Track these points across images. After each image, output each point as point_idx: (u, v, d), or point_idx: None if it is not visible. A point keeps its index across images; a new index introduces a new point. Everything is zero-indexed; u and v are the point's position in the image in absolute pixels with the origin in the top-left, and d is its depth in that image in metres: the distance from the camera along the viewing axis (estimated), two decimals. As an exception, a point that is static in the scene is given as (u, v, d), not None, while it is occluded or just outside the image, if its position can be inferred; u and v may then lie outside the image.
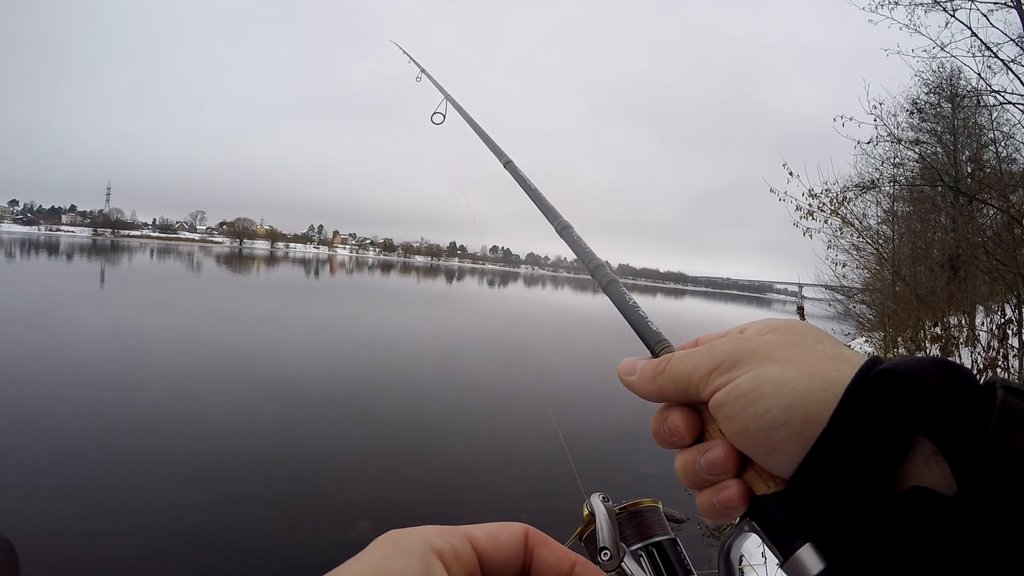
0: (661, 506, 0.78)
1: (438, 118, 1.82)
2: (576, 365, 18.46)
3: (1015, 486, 0.35)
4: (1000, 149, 11.32)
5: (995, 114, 11.59)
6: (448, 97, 1.80)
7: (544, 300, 61.49)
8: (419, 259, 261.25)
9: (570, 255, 0.87)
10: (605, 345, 21.51)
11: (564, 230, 0.89)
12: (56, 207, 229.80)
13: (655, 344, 0.58)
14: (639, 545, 0.71)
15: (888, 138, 12.54)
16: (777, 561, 0.43)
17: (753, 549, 0.50)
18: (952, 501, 0.36)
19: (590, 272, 0.78)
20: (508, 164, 1.21)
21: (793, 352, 0.46)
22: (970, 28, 10.28)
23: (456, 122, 1.68)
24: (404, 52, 2.45)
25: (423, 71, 2.18)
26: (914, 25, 10.88)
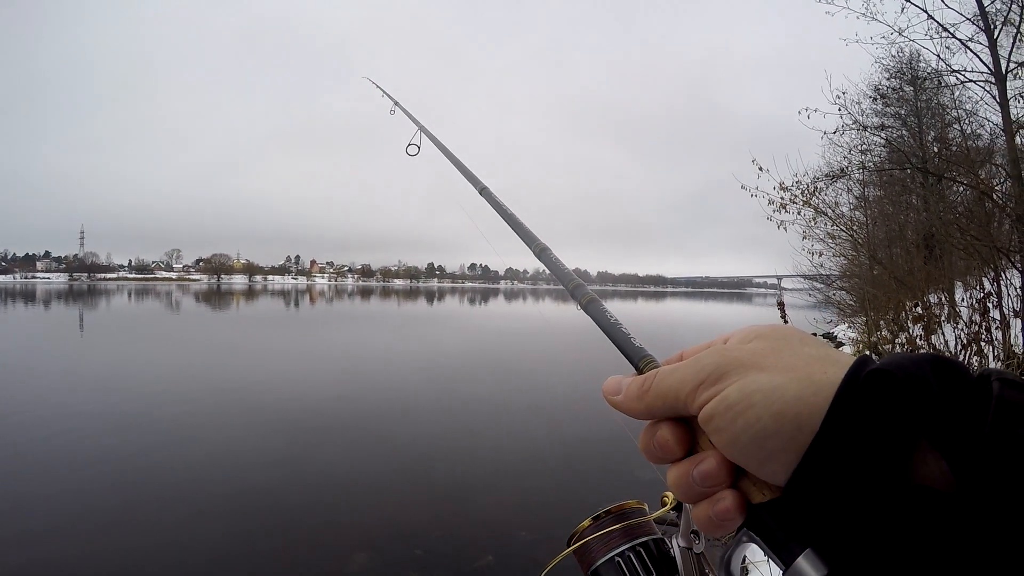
0: (647, 508, 0.76)
1: (413, 149, 1.85)
2: (566, 374, 18.43)
3: (1016, 480, 0.34)
4: (964, 127, 11.54)
5: (957, 93, 11.82)
6: (422, 128, 1.83)
7: (526, 314, 61.49)
8: (398, 282, 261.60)
9: (548, 269, 0.88)
10: (591, 352, 21.59)
11: (542, 252, 0.91)
12: (30, 254, 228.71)
13: (639, 360, 0.58)
14: (627, 546, 0.68)
15: (854, 126, 12.76)
16: (780, 569, 0.42)
17: (756, 558, 0.48)
18: (951, 498, 0.36)
19: (570, 292, 0.79)
20: (484, 191, 1.22)
21: (780, 358, 0.45)
22: (926, 11, 10.50)
23: (431, 151, 1.70)
24: (377, 87, 2.58)
25: (396, 104, 2.22)
26: (871, 13, 11.08)
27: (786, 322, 6.90)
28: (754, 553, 0.47)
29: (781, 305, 7.49)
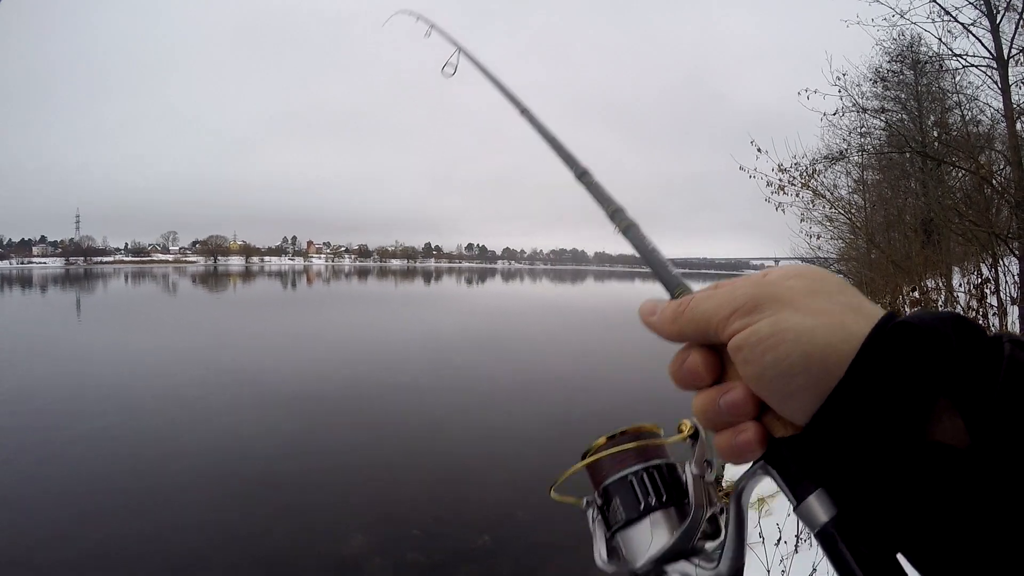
0: (662, 432, 0.76)
1: (449, 70, 1.77)
2: (565, 355, 18.45)
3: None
4: (965, 112, 11.48)
5: (958, 77, 11.75)
6: (460, 48, 1.74)
7: (523, 294, 61.42)
8: (395, 263, 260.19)
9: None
10: (590, 333, 21.62)
11: (583, 175, 0.89)
12: (26, 239, 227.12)
13: (674, 288, 0.59)
14: (640, 467, 0.69)
15: (853, 108, 12.58)
16: (791, 505, 0.44)
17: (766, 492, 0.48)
18: (964, 453, 0.37)
19: (609, 216, 0.78)
20: (524, 112, 1.18)
21: (815, 301, 0.45)
22: (928, -8, 10.35)
23: (468, 75, 1.62)
24: (412, 13, 2.45)
25: (432, 26, 2.10)
26: (872, -7, 10.92)
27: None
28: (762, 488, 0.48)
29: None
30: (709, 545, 0.62)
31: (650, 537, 0.65)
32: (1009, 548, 0.35)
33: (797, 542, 3.82)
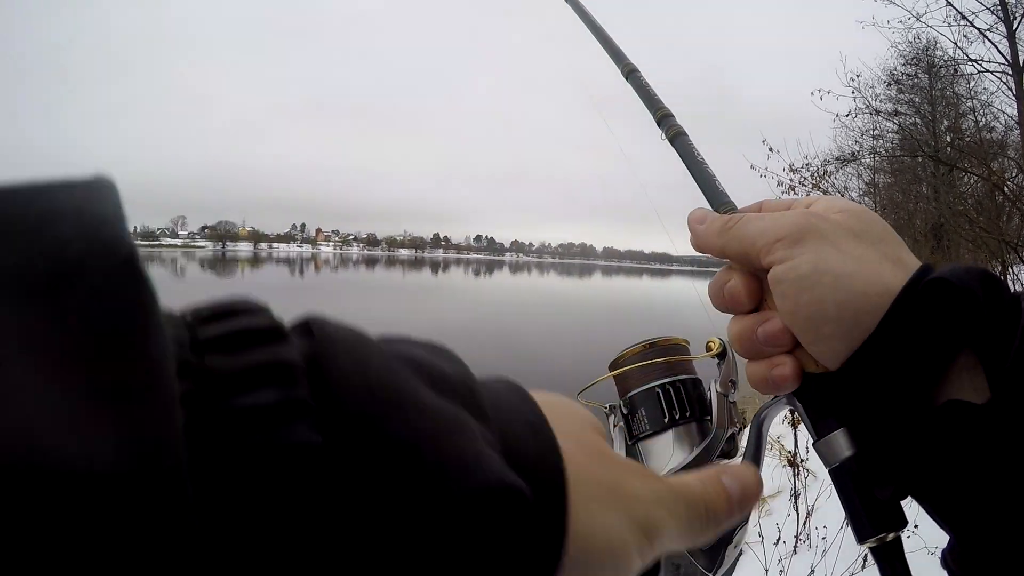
0: (690, 348, 0.77)
1: None
2: (569, 347, 18.44)
3: None
4: (979, 117, 11.43)
5: (973, 83, 11.68)
6: None
7: (532, 287, 61.40)
8: (403, 252, 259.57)
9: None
10: (595, 327, 21.61)
11: (631, 74, 0.84)
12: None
13: (720, 205, 0.59)
14: (667, 380, 0.70)
15: (866, 110, 12.51)
16: (811, 439, 0.46)
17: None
18: (982, 409, 0.38)
19: (656, 122, 0.75)
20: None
21: (857, 245, 0.45)
22: (945, -4, 10.30)
23: None
24: None
25: None
26: (889, -6, 10.89)
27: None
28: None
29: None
30: (726, 463, 0.63)
31: (671, 450, 0.67)
32: (1015, 493, 0.37)
33: (796, 543, 3.82)
